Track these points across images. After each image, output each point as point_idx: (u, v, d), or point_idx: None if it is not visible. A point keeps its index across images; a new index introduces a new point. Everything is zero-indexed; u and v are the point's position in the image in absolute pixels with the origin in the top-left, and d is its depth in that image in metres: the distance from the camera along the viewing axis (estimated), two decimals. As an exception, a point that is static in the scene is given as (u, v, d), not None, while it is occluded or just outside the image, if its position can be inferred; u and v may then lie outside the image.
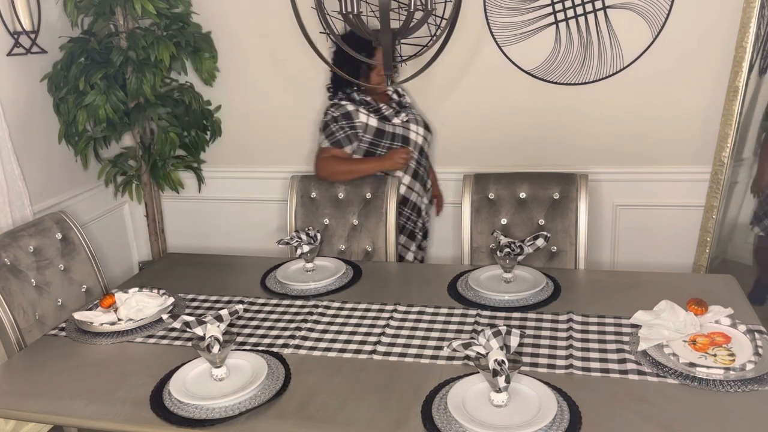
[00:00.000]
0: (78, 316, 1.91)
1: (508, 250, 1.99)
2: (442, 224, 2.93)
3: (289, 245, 2.21)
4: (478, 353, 1.42)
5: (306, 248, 2.18)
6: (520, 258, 2.02)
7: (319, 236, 2.23)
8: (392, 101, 2.63)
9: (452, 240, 2.91)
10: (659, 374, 1.52)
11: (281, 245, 2.21)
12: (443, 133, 2.81)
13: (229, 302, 2.06)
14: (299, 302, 2.03)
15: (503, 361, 1.38)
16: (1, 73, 2.46)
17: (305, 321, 1.90)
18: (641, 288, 1.98)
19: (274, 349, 1.74)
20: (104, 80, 2.61)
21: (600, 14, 2.53)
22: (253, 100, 2.99)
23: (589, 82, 2.63)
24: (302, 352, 1.72)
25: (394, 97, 2.65)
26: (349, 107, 2.51)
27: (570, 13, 2.56)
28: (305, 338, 1.80)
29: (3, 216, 2.38)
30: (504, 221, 2.40)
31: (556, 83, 2.66)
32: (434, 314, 1.89)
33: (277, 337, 1.81)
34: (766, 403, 1.40)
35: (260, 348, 1.75)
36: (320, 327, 1.86)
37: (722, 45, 2.46)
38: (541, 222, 2.38)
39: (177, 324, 1.61)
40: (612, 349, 1.65)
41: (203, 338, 1.56)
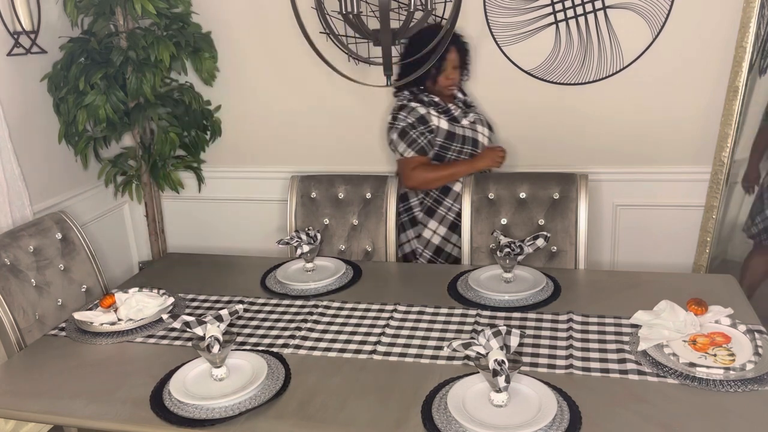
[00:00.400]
0: (78, 316, 1.91)
1: (508, 250, 1.99)
2: (442, 224, 2.92)
3: (289, 245, 2.21)
4: (478, 353, 1.42)
5: (306, 248, 2.18)
6: (520, 258, 2.02)
7: (319, 236, 2.23)
8: (458, 100, 2.53)
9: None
10: (659, 374, 1.52)
11: (281, 245, 2.21)
12: (443, 133, 2.81)
13: (229, 302, 2.06)
14: (299, 302, 2.03)
15: (503, 361, 1.38)
16: (1, 73, 2.46)
17: (305, 321, 1.90)
18: (641, 288, 1.98)
19: (274, 349, 1.74)
20: (104, 80, 2.61)
21: (600, 14, 2.53)
22: (253, 100, 2.99)
23: (589, 82, 2.63)
24: (302, 352, 1.72)
25: (459, 96, 2.54)
26: (421, 110, 2.41)
27: (570, 13, 2.56)
28: (305, 338, 1.80)
29: (3, 216, 2.38)
30: (504, 221, 2.40)
31: (556, 83, 2.66)
32: (434, 314, 1.89)
33: (277, 337, 1.81)
34: (766, 403, 1.40)
35: (260, 348, 1.75)
36: (320, 327, 1.86)
37: (722, 45, 2.46)
38: (541, 222, 2.38)
39: (177, 324, 1.61)
40: (612, 349, 1.65)
41: (203, 338, 1.56)
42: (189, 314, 1.94)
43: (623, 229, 2.81)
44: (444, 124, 2.42)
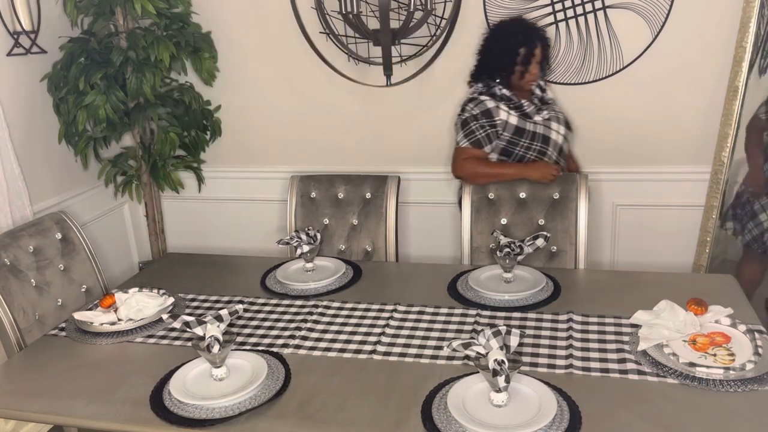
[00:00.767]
0: (78, 316, 1.91)
1: (508, 250, 1.99)
2: (442, 224, 2.92)
3: (289, 245, 2.21)
4: (478, 353, 1.42)
5: (306, 248, 2.18)
6: (520, 258, 2.02)
7: (319, 236, 2.23)
8: (534, 96, 2.45)
9: (452, 240, 2.91)
10: (659, 374, 1.52)
11: (281, 245, 2.21)
12: (443, 133, 2.81)
13: (229, 302, 2.06)
14: (299, 302, 2.03)
15: (503, 361, 1.38)
16: (1, 73, 2.46)
17: (305, 321, 1.90)
18: (641, 288, 1.98)
19: (274, 349, 1.74)
20: (104, 80, 2.61)
21: (600, 14, 2.53)
22: (253, 100, 2.99)
23: (589, 82, 2.63)
24: (302, 352, 1.72)
25: (537, 92, 2.46)
26: (489, 104, 2.35)
27: (570, 13, 2.56)
28: (305, 338, 1.80)
29: (3, 216, 2.38)
30: (504, 221, 2.40)
31: (556, 83, 2.66)
32: (434, 314, 1.89)
33: (277, 337, 1.81)
34: (766, 403, 1.40)
35: (260, 348, 1.75)
36: (320, 327, 1.86)
37: (722, 45, 2.46)
38: (541, 222, 2.38)
39: (177, 324, 1.61)
40: (612, 349, 1.65)
41: (203, 338, 1.56)
42: (189, 314, 1.94)
43: (623, 229, 2.81)
44: (513, 120, 2.35)
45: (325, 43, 2.71)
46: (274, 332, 1.84)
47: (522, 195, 2.39)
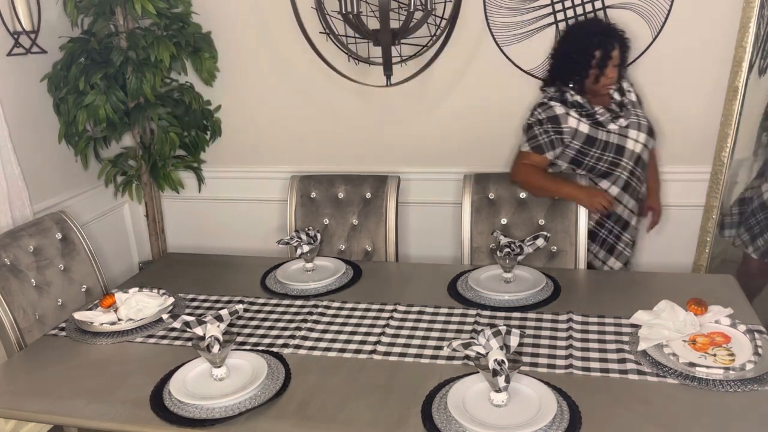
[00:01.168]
0: (78, 316, 1.91)
1: (508, 250, 1.99)
2: (442, 224, 2.92)
3: (289, 245, 2.21)
4: (478, 353, 1.42)
5: (306, 248, 2.18)
6: (520, 258, 2.02)
7: (319, 236, 2.23)
8: (612, 102, 2.32)
9: (452, 240, 2.91)
10: (659, 374, 1.52)
11: (281, 245, 2.21)
12: (443, 133, 2.81)
13: (229, 302, 2.06)
14: (299, 302, 2.03)
15: (503, 361, 1.38)
16: (1, 73, 2.46)
17: (305, 321, 1.90)
18: (641, 288, 1.98)
19: (274, 349, 1.74)
20: (104, 80, 2.61)
21: (600, 14, 2.53)
22: (253, 100, 2.99)
23: (589, 82, 2.63)
24: (302, 352, 1.72)
25: (615, 97, 2.33)
26: (558, 110, 2.25)
27: (570, 13, 2.56)
28: (305, 338, 1.80)
29: (3, 216, 2.38)
30: (504, 221, 2.40)
31: (556, 83, 2.66)
32: (434, 314, 1.89)
33: (277, 337, 1.81)
34: (766, 403, 1.40)
35: (260, 348, 1.75)
36: (320, 327, 1.86)
37: (722, 45, 2.46)
38: (541, 222, 2.38)
39: (177, 324, 1.61)
40: (612, 349, 1.65)
41: (203, 338, 1.56)
42: (189, 314, 1.95)
43: (623, 229, 2.81)
44: (584, 128, 2.24)
45: (325, 43, 2.71)
46: (274, 332, 1.84)
47: (522, 195, 2.39)
